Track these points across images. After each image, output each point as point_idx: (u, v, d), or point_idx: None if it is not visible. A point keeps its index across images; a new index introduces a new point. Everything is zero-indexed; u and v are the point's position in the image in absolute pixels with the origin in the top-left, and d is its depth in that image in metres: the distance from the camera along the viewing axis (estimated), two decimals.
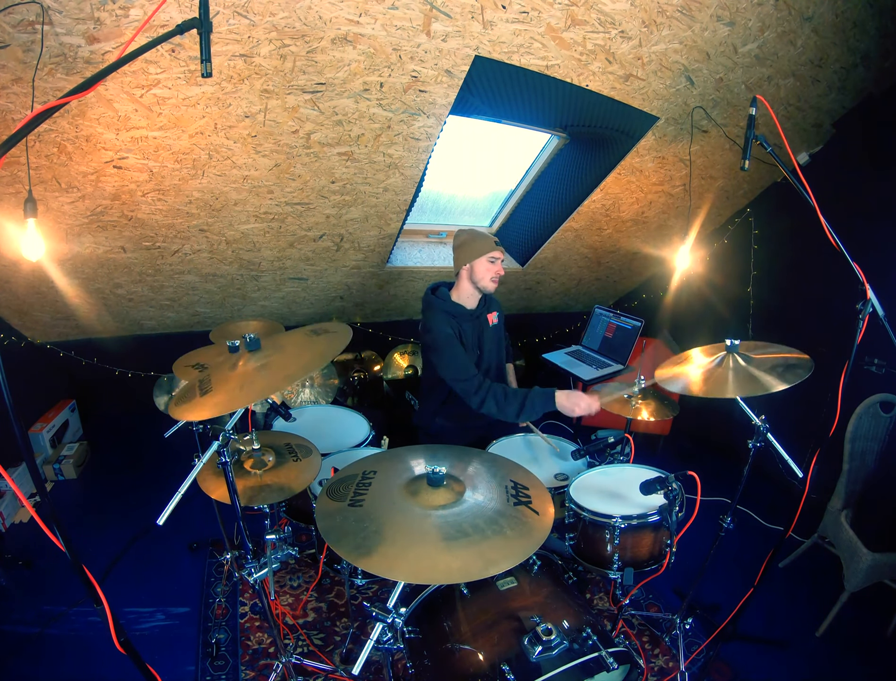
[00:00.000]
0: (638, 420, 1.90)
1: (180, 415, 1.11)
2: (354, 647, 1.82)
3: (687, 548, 1.72)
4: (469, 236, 2.00)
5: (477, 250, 1.97)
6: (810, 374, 1.36)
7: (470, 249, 1.98)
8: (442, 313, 2.00)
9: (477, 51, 1.66)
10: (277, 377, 1.15)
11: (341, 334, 1.29)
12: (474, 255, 1.97)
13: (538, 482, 1.28)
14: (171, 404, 1.16)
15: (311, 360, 1.22)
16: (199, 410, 1.09)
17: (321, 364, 1.59)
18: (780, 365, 1.43)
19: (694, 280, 3.36)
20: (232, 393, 1.11)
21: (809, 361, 1.41)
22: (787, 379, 1.36)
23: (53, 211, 1.96)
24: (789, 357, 1.47)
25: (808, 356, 1.44)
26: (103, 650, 1.73)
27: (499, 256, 1.99)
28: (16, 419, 0.80)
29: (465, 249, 2.00)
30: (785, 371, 1.40)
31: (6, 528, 2.30)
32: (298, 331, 1.37)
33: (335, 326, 1.38)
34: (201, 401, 1.11)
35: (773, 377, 1.38)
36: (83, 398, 3.17)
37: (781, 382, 1.35)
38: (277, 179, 2.08)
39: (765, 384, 1.36)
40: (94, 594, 0.93)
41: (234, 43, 1.47)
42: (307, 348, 1.27)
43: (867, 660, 1.91)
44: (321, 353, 1.25)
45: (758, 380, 1.39)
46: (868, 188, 2.47)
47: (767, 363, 1.45)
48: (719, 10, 1.69)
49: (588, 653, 1.14)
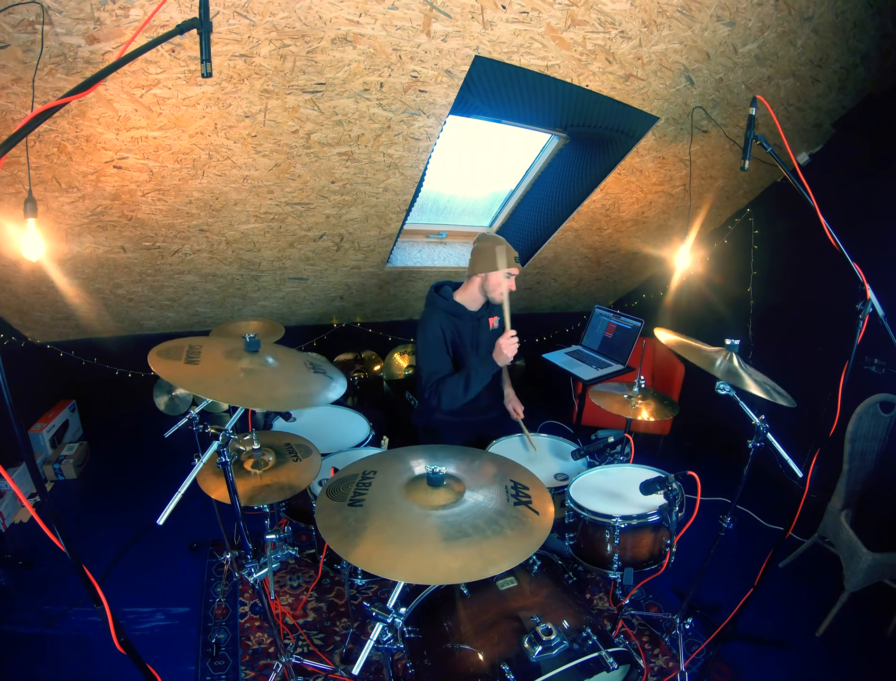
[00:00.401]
0: (638, 420, 1.90)
1: (155, 364, 1.10)
2: (354, 647, 1.82)
3: (687, 548, 1.72)
4: (493, 246, 1.99)
5: (498, 263, 1.97)
6: (789, 406, 1.45)
7: (491, 261, 1.98)
8: (441, 313, 2.02)
9: (477, 51, 1.66)
10: (261, 395, 1.16)
11: (335, 385, 1.27)
12: (492, 266, 1.98)
13: (538, 482, 1.28)
14: (153, 352, 1.15)
15: (294, 397, 1.22)
16: (173, 374, 1.10)
17: (300, 406, 1.59)
18: (768, 384, 1.51)
19: (694, 280, 3.37)
20: (212, 380, 1.12)
21: (790, 398, 1.49)
22: (770, 395, 1.43)
23: (53, 211, 1.96)
24: (777, 387, 1.54)
25: (793, 400, 1.50)
26: (103, 650, 1.73)
27: (515, 273, 2.01)
28: (16, 419, 0.80)
29: (485, 257, 2.00)
30: (771, 390, 1.48)
31: (6, 528, 2.30)
32: (300, 356, 1.37)
33: (333, 370, 1.36)
34: (182, 367, 1.12)
35: (758, 387, 1.45)
36: (83, 398, 3.17)
37: (763, 393, 1.42)
38: (277, 178, 2.08)
39: (746, 383, 1.43)
40: (94, 594, 0.93)
41: (234, 43, 1.47)
42: (298, 381, 1.25)
43: (867, 660, 1.91)
44: (307, 395, 1.24)
45: (742, 378, 1.46)
46: (868, 188, 2.47)
47: (759, 376, 1.52)
48: (719, 10, 1.69)
49: (588, 653, 1.15)
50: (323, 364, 1.37)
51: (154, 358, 1.12)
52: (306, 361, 1.34)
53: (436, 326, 2.00)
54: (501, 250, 1.97)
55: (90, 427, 3.20)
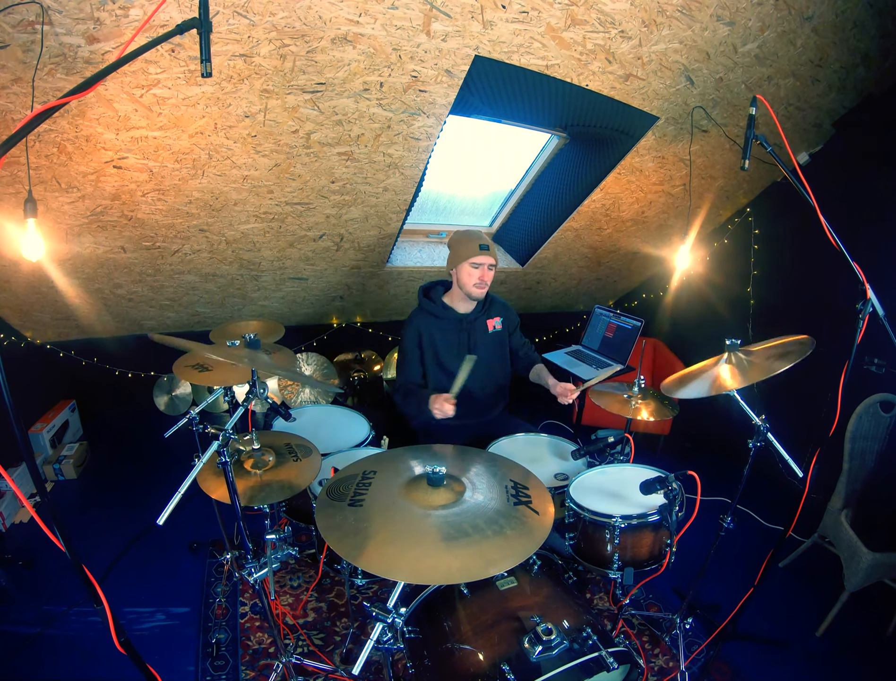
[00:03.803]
0: (638, 420, 1.90)
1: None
2: (354, 647, 1.82)
3: (687, 548, 1.72)
4: (456, 239, 1.97)
5: (460, 255, 1.92)
6: (812, 350, 1.33)
7: (455, 254, 1.96)
8: (423, 315, 2.04)
9: (477, 51, 1.66)
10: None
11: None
12: (458, 259, 1.94)
13: (538, 482, 1.28)
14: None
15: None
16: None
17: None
18: (778, 352, 1.42)
19: (694, 280, 3.37)
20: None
21: (809, 340, 1.38)
22: (788, 359, 1.33)
23: (53, 211, 1.96)
24: (787, 342, 1.45)
25: (806, 336, 1.41)
26: (103, 650, 1.72)
27: (483, 262, 1.92)
28: (16, 419, 0.80)
29: (452, 252, 1.99)
30: (784, 354, 1.37)
31: (6, 528, 2.30)
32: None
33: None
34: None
35: (774, 361, 1.36)
36: (83, 398, 3.17)
37: (783, 363, 1.32)
38: (277, 178, 2.08)
39: (767, 369, 1.35)
40: (94, 594, 0.93)
41: (234, 43, 1.47)
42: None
43: (867, 660, 1.91)
44: None
45: (759, 367, 1.38)
46: (868, 188, 2.47)
47: (766, 353, 1.44)
48: (719, 9, 1.69)
49: (588, 653, 1.14)
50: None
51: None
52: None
53: (413, 330, 2.01)
54: (463, 240, 1.94)
55: (90, 427, 3.20)
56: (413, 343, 2.02)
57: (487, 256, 1.93)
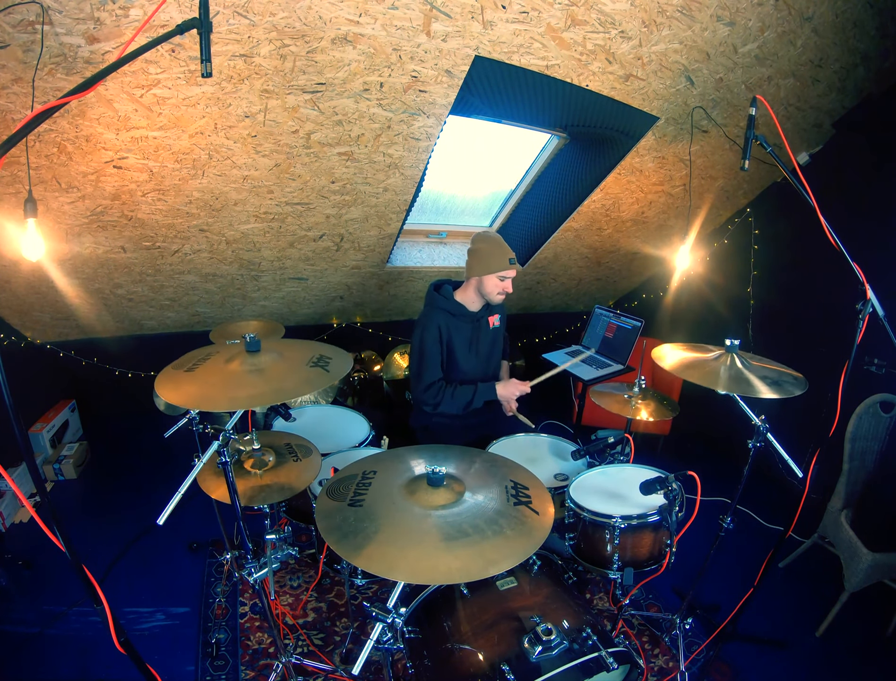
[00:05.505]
0: (638, 420, 1.90)
1: (161, 382, 1.12)
2: (354, 647, 1.82)
3: (687, 548, 1.71)
4: (487, 248, 1.98)
5: (490, 267, 1.96)
6: (803, 391, 1.37)
7: (484, 264, 1.97)
8: (440, 312, 2.02)
9: (477, 51, 1.66)
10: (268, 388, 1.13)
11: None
12: (486, 270, 1.97)
13: (538, 482, 1.28)
14: (170, 366, 1.18)
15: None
16: (175, 391, 1.10)
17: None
18: (773, 377, 1.45)
19: (694, 280, 3.37)
20: (213, 389, 1.11)
21: (803, 380, 1.42)
22: (777, 390, 1.37)
23: (53, 211, 1.96)
24: (785, 372, 1.47)
25: (801, 375, 1.45)
26: (103, 650, 1.73)
27: (510, 275, 1.99)
28: (16, 419, 0.80)
29: (479, 260, 1.99)
30: (777, 384, 1.41)
31: (6, 528, 2.30)
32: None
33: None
34: (182, 377, 1.13)
35: (766, 384, 1.39)
36: (83, 398, 3.17)
37: (773, 391, 1.36)
38: (277, 178, 2.08)
39: (756, 389, 1.37)
40: (94, 594, 0.93)
41: (234, 43, 1.47)
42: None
43: (867, 660, 1.91)
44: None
45: (750, 384, 1.40)
46: (868, 188, 2.47)
47: (762, 372, 1.46)
48: (719, 10, 1.69)
49: (588, 653, 1.14)
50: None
51: (163, 378, 1.14)
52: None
53: (434, 327, 2.00)
54: (495, 252, 1.96)
55: (90, 427, 3.20)
56: (435, 340, 2.00)
57: (514, 269, 2.01)
